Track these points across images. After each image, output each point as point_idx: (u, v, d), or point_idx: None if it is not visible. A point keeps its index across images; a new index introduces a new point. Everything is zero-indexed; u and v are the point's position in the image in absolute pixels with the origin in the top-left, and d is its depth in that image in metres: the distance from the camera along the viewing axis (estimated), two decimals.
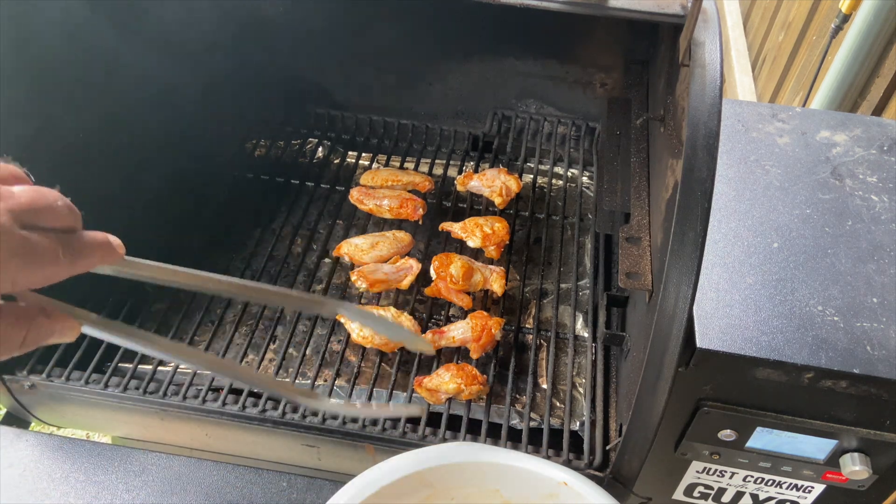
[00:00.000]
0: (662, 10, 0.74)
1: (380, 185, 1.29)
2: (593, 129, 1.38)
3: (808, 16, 2.12)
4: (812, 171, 0.95)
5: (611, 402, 1.03)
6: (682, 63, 0.75)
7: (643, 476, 0.88)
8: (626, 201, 0.98)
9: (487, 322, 1.05)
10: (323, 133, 1.43)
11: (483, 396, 1.02)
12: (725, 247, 0.85)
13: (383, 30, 1.32)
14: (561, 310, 1.15)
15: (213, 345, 1.08)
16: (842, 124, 1.02)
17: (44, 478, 0.97)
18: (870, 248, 0.85)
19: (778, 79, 2.33)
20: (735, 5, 2.92)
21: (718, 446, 0.84)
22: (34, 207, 0.42)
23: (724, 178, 0.93)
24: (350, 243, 1.18)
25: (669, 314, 0.71)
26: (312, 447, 1.01)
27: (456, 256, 1.14)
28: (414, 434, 0.97)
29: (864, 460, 0.80)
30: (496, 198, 1.25)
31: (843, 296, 0.80)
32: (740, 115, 1.03)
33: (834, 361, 0.73)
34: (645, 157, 1.00)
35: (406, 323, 1.07)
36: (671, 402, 0.76)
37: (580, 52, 1.30)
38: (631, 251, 0.89)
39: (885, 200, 0.91)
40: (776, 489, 0.89)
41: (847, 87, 1.70)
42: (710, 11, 0.73)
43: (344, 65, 1.39)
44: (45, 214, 0.42)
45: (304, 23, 1.33)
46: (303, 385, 1.03)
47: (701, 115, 0.67)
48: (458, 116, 1.42)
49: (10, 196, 0.41)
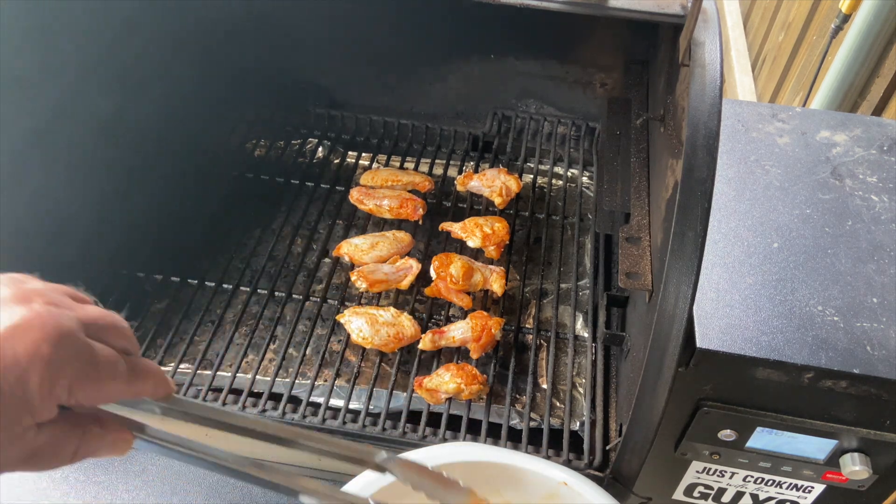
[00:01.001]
0: (662, 10, 0.74)
1: (380, 185, 1.29)
2: (593, 129, 1.38)
3: (808, 16, 2.12)
4: (812, 171, 0.95)
5: (611, 402, 1.03)
6: (682, 63, 0.75)
7: (643, 476, 0.88)
8: (626, 201, 0.98)
9: (487, 322, 1.05)
10: (323, 133, 1.43)
11: (483, 396, 1.02)
12: (725, 247, 0.85)
13: (383, 30, 1.32)
14: (561, 310, 1.15)
15: (213, 345, 1.08)
16: (842, 124, 1.02)
17: (44, 478, 0.97)
18: (870, 248, 0.85)
19: (778, 79, 2.33)
20: (735, 5, 2.92)
21: (718, 446, 0.84)
22: (101, 322, 0.44)
23: (724, 178, 0.93)
24: (350, 243, 1.18)
25: (669, 314, 0.71)
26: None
27: (456, 256, 1.14)
28: (414, 434, 0.97)
29: (864, 460, 0.80)
30: (496, 198, 1.25)
31: (843, 296, 0.80)
32: (740, 115, 1.03)
33: (834, 361, 0.73)
34: (645, 157, 1.00)
35: (406, 323, 1.07)
36: (671, 402, 0.76)
37: (580, 52, 1.30)
38: (631, 251, 0.89)
39: (885, 200, 0.91)
40: (776, 489, 0.89)
41: (847, 87, 1.70)
42: (710, 11, 0.73)
43: (344, 65, 1.39)
44: (110, 331, 0.44)
45: (303, 23, 1.33)
46: (303, 384, 1.03)
47: (701, 115, 0.67)
48: (458, 116, 1.42)
49: (80, 308, 0.43)
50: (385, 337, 1.05)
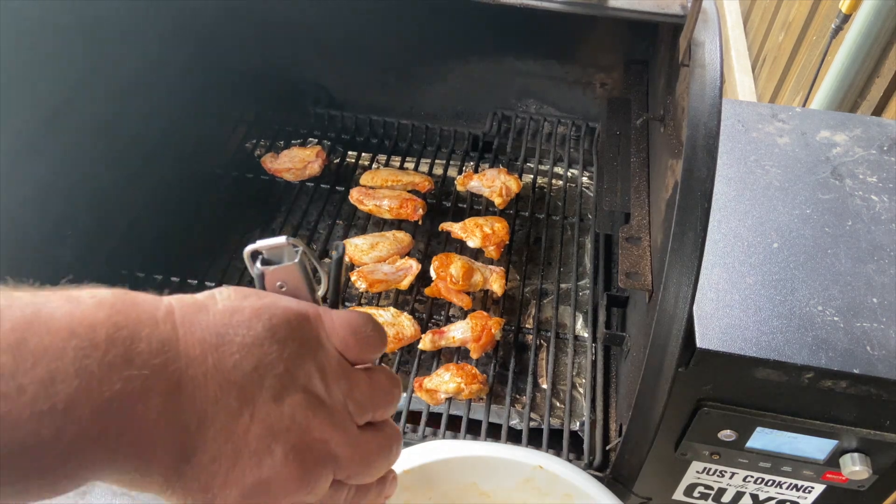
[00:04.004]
0: (662, 10, 0.74)
1: (380, 185, 1.29)
2: (593, 129, 1.38)
3: (808, 16, 2.12)
4: (812, 171, 0.95)
5: (611, 402, 1.03)
6: (682, 63, 0.75)
7: (643, 476, 0.88)
8: (626, 201, 0.98)
9: (487, 322, 1.05)
10: (323, 133, 1.43)
11: (483, 396, 1.02)
12: (725, 247, 0.85)
13: (383, 30, 1.32)
14: (561, 310, 1.15)
15: None
16: (842, 124, 1.02)
17: None
18: (870, 248, 0.85)
19: (778, 79, 2.33)
20: (735, 5, 2.92)
21: (718, 446, 0.84)
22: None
23: (724, 178, 0.93)
24: (350, 243, 1.18)
25: (669, 314, 0.70)
26: None
27: (456, 256, 1.14)
28: (414, 434, 0.97)
29: (864, 460, 0.80)
30: (496, 198, 1.25)
31: (843, 296, 0.80)
32: (740, 115, 1.03)
33: (834, 361, 0.73)
34: (645, 157, 1.00)
35: (406, 323, 1.07)
36: (671, 402, 0.76)
37: (580, 52, 1.30)
38: (631, 251, 0.89)
39: (885, 200, 0.91)
40: (776, 489, 0.89)
41: (847, 87, 1.70)
42: (710, 11, 0.73)
43: (344, 65, 1.39)
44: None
45: (304, 23, 1.33)
46: None
47: (701, 115, 0.67)
48: (458, 116, 1.42)
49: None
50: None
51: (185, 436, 0.33)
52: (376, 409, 0.41)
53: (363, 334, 0.40)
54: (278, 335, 0.37)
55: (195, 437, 0.34)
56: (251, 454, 0.35)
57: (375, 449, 0.40)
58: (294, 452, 0.36)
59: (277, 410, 0.36)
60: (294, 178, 1.32)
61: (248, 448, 0.35)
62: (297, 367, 0.37)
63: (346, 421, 0.38)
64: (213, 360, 0.34)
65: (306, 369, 0.37)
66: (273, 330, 0.36)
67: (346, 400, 0.39)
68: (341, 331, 0.40)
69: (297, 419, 0.36)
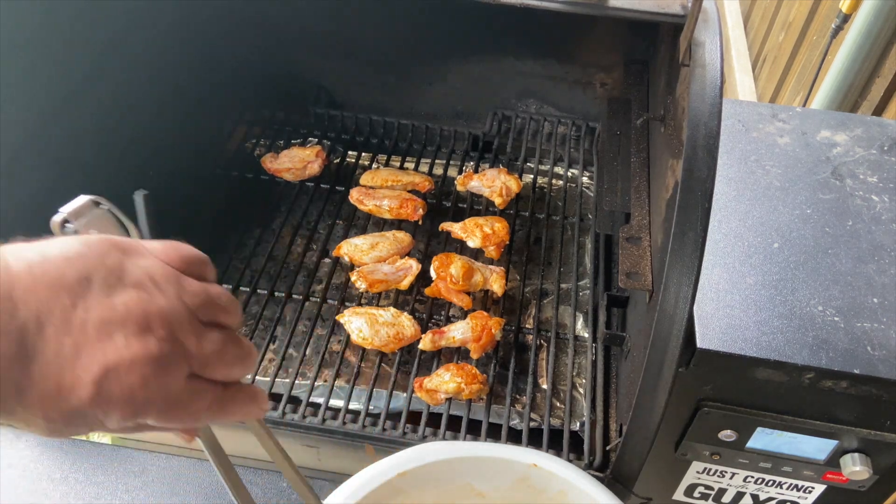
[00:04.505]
0: (662, 10, 0.74)
1: (380, 185, 1.29)
2: (593, 129, 1.38)
3: (808, 16, 2.12)
4: (812, 171, 0.95)
5: (611, 402, 1.03)
6: (682, 63, 0.75)
7: (643, 476, 0.88)
8: (626, 201, 0.98)
9: (487, 322, 1.05)
10: (323, 133, 1.43)
11: (483, 396, 1.02)
12: (725, 247, 0.85)
13: (384, 29, 1.32)
14: (561, 310, 1.15)
15: None
16: (842, 124, 1.02)
17: (43, 478, 0.97)
18: (870, 248, 0.85)
19: (778, 79, 2.33)
20: (735, 5, 2.92)
21: (719, 447, 0.84)
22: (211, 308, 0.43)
23: (724, 178, 0.93)
24: (350, 243, 1.18)
25: (669, 314, 0.70)
26: (312, 447, 1.01)
27: (456, 256, 1.14)
28: (414, 434, 0.97)
29: (864, 460, 0.80)
30: (496, 198, 1.25)
31: (844, 296, 0.80)
32: (740, 115, 1.03)
33: (834, 362, 0.73)
34: (645, 157, 1.00)
35: (406, 323, 1.07)
36: (671, 402, 0.76)
37: (580, 52, 1.30)
38: (631, 251, 0.89)
39: (885, 200, 0.91)
40: (776, 489, 0.89)
41: (847, 87, 1.70)
42: (711, 11, 0.73)
43: (344, 65, 1.39)
44: (219, 315, 0.43)
45: (303, 22, 1.33)
46: (303, 385, 1.03)
47: (701, 115, 0.67)
48: (458, 116, 1.42)
49: (191, 296, 0.42)
50: (385, 337, 1.05)
51: (25, 335, 0.35)
52: (215, 309, 0.43)
53: (180, 247, 0.44)
54: (97, 249, 0.40)
55: (35, 337, 0.36)
56: (93, 343, 0.37)
57: (222, 340, 0.42)
58: (135, 336, 0.38)
59: (110, 303, 0.38)
60: (294, 178, 1.32)
61: (89, 338, 0.37)
62: (122, 271, 0.40)
63: (183, 313, 0.40)
64: (39, 271, 0.37)
65: (133, 272, 0.40)
66: (90, 245, 0.40)
67: (182, 297, 0.41)
68: (159, 245, 0.43)
69: (131, 309, 0.38)
